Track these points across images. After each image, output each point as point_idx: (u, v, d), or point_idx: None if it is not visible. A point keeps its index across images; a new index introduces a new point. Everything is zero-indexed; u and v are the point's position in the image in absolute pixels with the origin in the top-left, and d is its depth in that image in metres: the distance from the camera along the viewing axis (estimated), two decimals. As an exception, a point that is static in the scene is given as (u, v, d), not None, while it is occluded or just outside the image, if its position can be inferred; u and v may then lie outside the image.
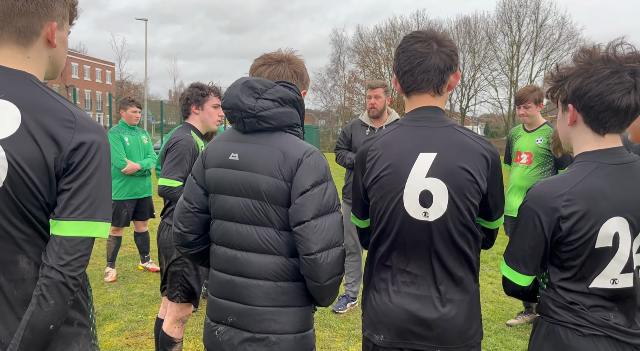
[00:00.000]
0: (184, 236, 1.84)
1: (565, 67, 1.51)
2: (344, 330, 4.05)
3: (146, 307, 4.44)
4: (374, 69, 37.91)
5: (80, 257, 1.22)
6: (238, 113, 1.70)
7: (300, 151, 1.67)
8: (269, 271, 1.69)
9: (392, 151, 1.66)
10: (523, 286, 1.55)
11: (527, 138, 4.09)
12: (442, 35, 1.68)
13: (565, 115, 1.52)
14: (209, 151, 1.81)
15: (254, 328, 1.69)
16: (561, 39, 35.50)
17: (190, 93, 3.03)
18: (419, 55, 1.63)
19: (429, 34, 1.67)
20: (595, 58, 1.43)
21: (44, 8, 1.26)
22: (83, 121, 1.24)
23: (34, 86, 1.25)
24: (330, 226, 1.64)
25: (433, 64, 1.63)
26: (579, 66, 1.46)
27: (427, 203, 1.61)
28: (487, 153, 1.61)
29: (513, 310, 4.53)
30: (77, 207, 1.21)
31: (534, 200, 1.47)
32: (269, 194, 1.66)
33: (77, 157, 1.21)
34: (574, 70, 1.47)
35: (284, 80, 1.79)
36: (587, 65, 1.44)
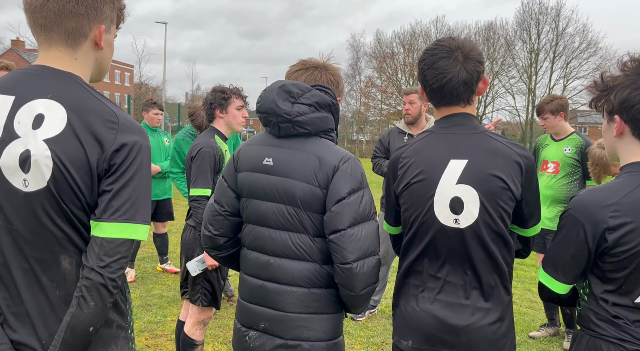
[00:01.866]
0: (214, 239, 1.83)
1: (610, 76, 1.48)
2: (362, 338, 4.01)
3: (165, 308, 4.45)
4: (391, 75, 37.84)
5: (120, 259, 1.21)
6: (274, 117, 1.68)
7: (337, 157, 1.64)
8: (303, 278, 1.66)
9: (423, 158, 1.66)
10: (560, 294, 1.53)
11: (555, 148, 4.01)
12: (466, 44, 1.64)
13: (611, 126, 1.49)
14: (241, 154, 1.80)
15: (286, 334, 1.67)
16: (581, 47, 35.07)
17: (213, 97, 3.04)
18: (447, 73, 1.60)
19: (452, 44, 1.62)
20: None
21: (94, 11, 1.26)
22: (126, 122, 1.24)
23: (80, 87, 1.26)
24: (367, 235, 1.61)
25: (461, 79, 1.61)
26: (626, 76, 1.42)
27: (457, 210, 1.59)
28: (520, 159, 1.58)
29: (535, 322, 4.45)
30: (117, 208, 1.20)
31: (579, 209, 1.44)
32: (304, 200, 1.64)
33: (119, 158, 1.21)
34: (620, 80, 1.43)
35: (320, 84, 1.77)
36: (636, 76, 1.40)
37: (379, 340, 3.99)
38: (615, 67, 1.51)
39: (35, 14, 1.24)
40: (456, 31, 37.13)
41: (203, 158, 2.84)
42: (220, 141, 3.01)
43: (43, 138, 1.17)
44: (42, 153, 1.16)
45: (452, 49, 1.61)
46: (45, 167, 1.16)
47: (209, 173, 2.84)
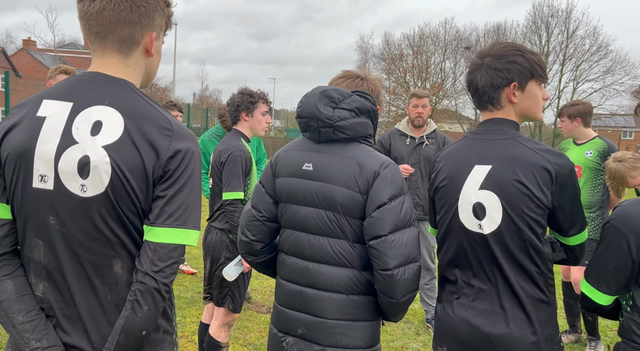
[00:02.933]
0: (251, 244, 1.84)
1: None
2: (382, 342, 4.01)
3: (184, 310, 4.47)
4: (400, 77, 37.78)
5: (173, 264, 1.23)
6: (314, 122, 1.69)
7: (377, 163, 1.65)
8: (342, 284, 1.66)
9: (450, 163, 1.71)
10: (602, 304, 1.52)
11: (576, 151, 3.99)
12: (497, 47, 1.68)
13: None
14: (280, 160, 1.80)
15: (324, 341, 1.67)
16: (592, 49, 34.83)
17: (240, 100, 3.04)
18: (474, 78, 1.70)
19: (484, 50, 1.71)
20: None
21: (146, 19, 1.28)
22: (179, 129, 1.26)
23: (134, 94, 1.27)
24: (408, 241, 1.61)
25: (483, 83, 1.68)
26: None
27: (480, 216, 1.61)
28: (550, 166, 1.54)
29: (554, 328, 4.42)
30: (171, 214, 1.22)
31: (622, 219, 1.44)
32: (344, 206, 1.64)
33: (173, 165, 1.22)
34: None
35: (360, 90, 1.77)
36: None
37: (399, 344, 3.98)
38: None
39: (90, 22, 1.26)
40: (465, 33, 37.03)
41: (235, 162, 2.85)
42: (246, 143, 3.02)
43: (102, 145, 1.18)
44: (101, 160, 1.17)
45: (480, 55, 1.71)
46: (104, 173, 1.18)
47: (241, 176, 2.86)
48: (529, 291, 1.61)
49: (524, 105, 1.68)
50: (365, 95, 1.74)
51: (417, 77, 35.98)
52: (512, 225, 1.56)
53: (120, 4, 1.24)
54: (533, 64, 1.65)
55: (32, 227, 1.23)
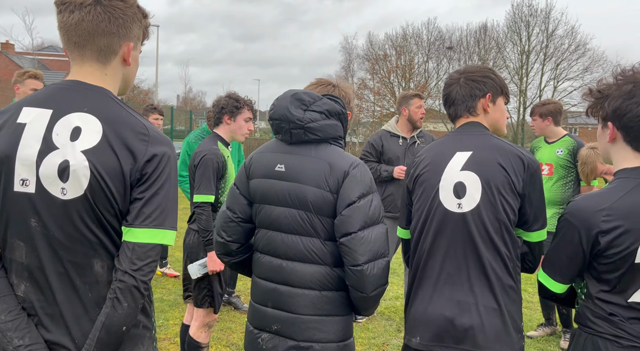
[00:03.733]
0: (227, 245, 1.88)
1: (605, 85, 1.56)
2: (363, 339, 4.07)
3: (166, 312, 4.48)
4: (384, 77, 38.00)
5: (151, 263, 1.29)
6: (286, 124, 1.74)
7: (347, 163, 1.71)
8: (314, 281, 1.72)
9: (432, 152, 1.85)
10: (557, 292, 1.61)
11: (548, 150, 4.11)
12: (473, 68, 1.90)
13: (605, 132, 1.58)
14: (253, 162, 1.85)
15: (298, 336, 1.72)
16: (570, 48, 35.45)
17: (225, 103, 3.07)
18: (451, 91, 1.89)
19: (461, 69, 1.91)
20: (636, 79, 1.48)
21: (124, 29, 1.34)
22: (155, 134, 1.32)
23: (112, 101, 1.33)
24: (377, 237, 1.67)
25: (461, 93, 1.86)
26: (618, 86, 1.50)
27: (460, 194, 1.72)
28: (524, 157, 1.72)
29: (532, 322, 4.53)
30: (148, 215, 1.27)
31: (574, 213, 1.53)
32: (315, 205, 1.69)
33: (150, 168, 1.28)
34: (614, 90, 1.51)
35: (330, 94, 1.83)
36: (628, 86, 1.48)
37: (380, 341, 4.05)
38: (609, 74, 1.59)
39: (69, 32, 1.31)
40: (447, 34, 37.41)
41: (207, 165, 2.89)
42: (223, 147, 3.05)
43: (81, 150, 1.24)
44: (80, 164, 1.23)
45: (457, 72, 1.91)
46: (83, 176, 1.23)
47: (212, 179, 2.89)
48: (500, 274, 1.70)
49: (494, 116, 1.88)
50: (335, 99, 1.80)
51: (401, 77, 36.24)
52: (489, 204, 1.69)
53: (98, 16, 1.30)
54: (502, 82, 1.90)
55: (13, 229, 1.28)
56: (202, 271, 2.93)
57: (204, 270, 2.92)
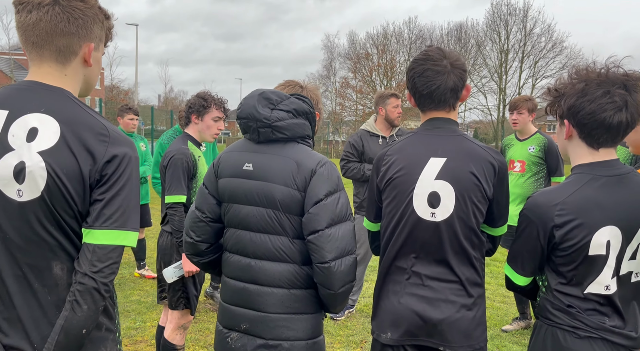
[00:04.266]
0: (196, 245, 1.88)
1: (562, 84, 1.60)
2: (342, 336, 4.09)
3: (144, 314, 4.44)
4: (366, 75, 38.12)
5: (112, 264, 1.27)
6: (253, 123, 1.75)
7: (314, 161, 1.72)
8: (283, 279, 1.72)
9: (405, 155, 1.80)
10: (520, 285, 1.66)
11: (520, 147, 4.18)
12: (452, 53, 1.80)
13: (562, 129, 1.62)
14: (221, 161, 1.85)
15: (267, 334, 1.72)
16: (547, 46, 36.04)
17: (193, 102, 3.03)
18: (436, 81, 1.75)
19: (439, 54, 1.78)
20: (589, 78, 1.52)
21: (84, 30, 1.33)
22: (116, 135, 1.31)
23: (71, 102, 1.31)
24: (344, 235, 1.68)
25: (450, 86, 1.76)
26: (573, 85, 1.55)
27: (434, 204, 1.72)
28: (494, 162, 1.74)
29: (508, 316, 4.60)
30: (109, 216, 1.26)
31: (531, 208, 1.57)
32: (283, 203, 1.70)
33: (110, 169, 1.27)
34: (569, 88, 1.55)
35: (298, 93, 1.84)
36: (582, 85, 1.52)
37: (358, 338, 4.07)
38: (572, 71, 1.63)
39: (27, 32, 1.29)
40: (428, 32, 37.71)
41: (176, 165, 2.86)
42: (194, 147, 3.01)
43: (37, 151, 1.22)
44: (37, 165, 1.21)
45: (440, 58, 1.77)
46: (39, 177, 1.21)
47: (182, 180, 2.86)
48: (468, 275, 1.75)
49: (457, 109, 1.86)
50: (303, 98, 1.81)
51: (383, 76, 36.40)
52: (462, 212, 1.71)
53: (57, 16, 1.28)
54: None
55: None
56: (178, 274, 2.90)
57: (179, 272, 2.90)
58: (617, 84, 1.48)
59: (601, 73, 1.51)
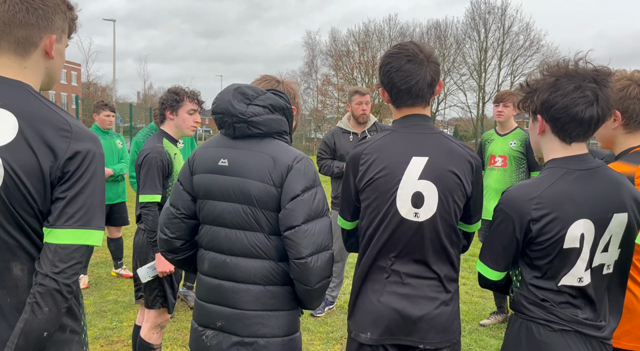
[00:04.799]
0: (171, 242, 1.84)
1: (534, 80, 1.61)
2: (322, 333, 4.09)
3: (121, 314, 4.37)
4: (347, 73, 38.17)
5: (75, 265, 1.23)
6: (229, 118, 1.72)
7: (290, 157, 1.70)
8: (259, 276, 1.71)
9: (386, 154, 1.75)
10: (494, 280, 1.67)
11: (501, 142, 4.22)
12: (426, 47, 1.78)
13: (535, 125, 1.64)
14: (197, 157, 1.82)
15: (242, 332, 1.70)
16: (525, 44, 36.60)
17: (165, 97, 2.99)
18: (415, 75, 1.73)
19: (414, 48, 1.75)
20: (560, 73, 1.54)
21: (45, 21, 1.28)
22: (79, 130, 1.26)
23: (30, 95, 1.26)
24: (320, 230, 1.67)
25: (427, 81, 1.74)
26: (545, 80, 1.57)
27: (418, 204, 1.70)
28: (472, 159, 1.74)
29: (486, 311, 4.66)
30: (72, 215, 1.22)
31: (507, 203, 1.58)
32: (259, 199, 1.68)
33: (73, 166, 1.22)
34: (541, 84, 1.57)
35: (274, 88, 1.82)
36: (553, 80, 1.54)
37: (338, 335, 4.07)
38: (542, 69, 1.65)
39: None
40: (408, 29, 37.93)
41: (150, 164, 2.81)
42: (169, 144, 2.96)
43: None
44: None
45: (416, 52, 1.74)
46: None
47: (156, 179, 2.82)
48: (446, 272, 1.76)
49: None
50: (280, 94, 1.79)
51: (364, 73, 36.50)
52: (444, 212, 1.70)
53: (15, 6, 1.23)
54: None
55: None
56: (151, 274, 2.86)
57: (152, 272, 2.86)
58: (588, 78, 1.50)
59: (571, 68, 1.53)
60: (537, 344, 1.54)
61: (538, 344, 1.54)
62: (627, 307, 1.81)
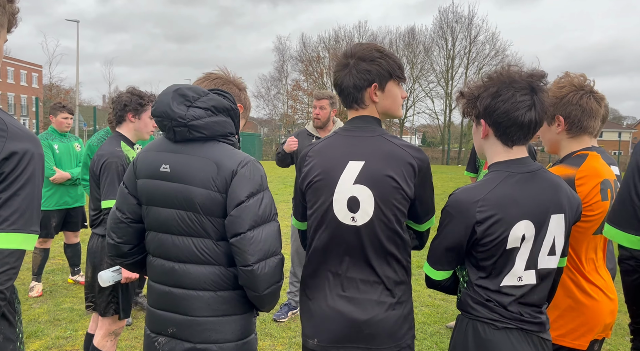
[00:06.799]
0: (118, 247, 1.79)
1: (476, 86, 1.66)
2: (284, 338, 4.05)
3: (76, 322, 4.22)
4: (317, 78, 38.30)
5: (8, 270, 1.17)
6: (168, 121, 1.65)
7: (235, 162, 1.64)
8: (208, 282, 1.67)
9: (324, 158, 1.74)
10: (439, 280, 1.70)
11: None
12: (362, 48, 1.74)
13: (479, 129, 1.68)
14: (139, 161, 1.76)
15: (195, 338, 1.67)
16: (491, 53, 37.63)
17: (129, 99, 2.91)
18: (341, 78, 1.75)
19: (347, 50, 1.77)
20: (500, 80, 1.60)
21: None
22: (16, 129, 1.20)
23: None
24: (267, 236, 1.64)
25: (351, 83, 1.74)
26: (486, 87, 1.62)
27: (354, 209, 1.68)
28: (414, 161, 1.68)
29: (447, 313, 4.73)
30: (6, 218, 1.17)
31: (453, 205, 1.61)
32: (203, 206, 1.63)
33: (8, 167, 1.17)
34: (482, 90, 1.62)
35: (217, 87, 1.76)
36: (494, 87, 1.60)
37: (300, 340, 4.04)
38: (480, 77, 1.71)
39: None
40: (378, 36, 38.43)
41: (110, 169, 2.75)
42: (127, 147, 2.90)
43: None
44: None
45: (348, 56, 1.74)
46: None
47: (116, 184, 2.75)
48: (392, 275, 1.72)
49: (384, 104, 1.77)
50: (224, 93, 1.73)
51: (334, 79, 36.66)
52: (382, 216, 1.67)
53: None
54: (392, 65, 1.74)
55: None
56: (115, 279, 2.76)
57: (117, 277, 2.76)
58: (525, 84, 1.57)
59: (510, 75, 1.59)
60: (482, 343, 1.58)
61: (483, 343, 1.58)
62: (572, 306, 1.86)
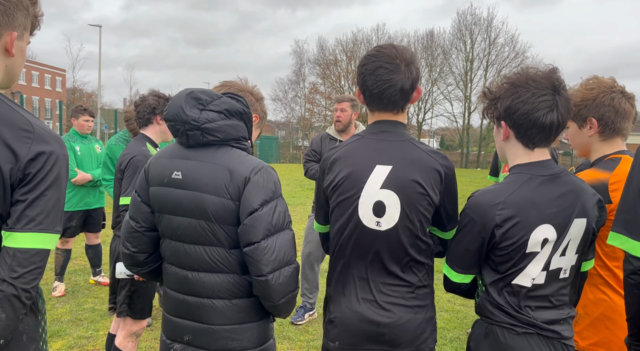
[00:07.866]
0: (134, 256, 1.80)
1: (497, 87, 1.64)
2: (302, 342, 4.04)
3: (97, 322, 4.28)
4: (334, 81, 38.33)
5: (34, 269, 1.20)
6: (181, 125, 1.64)
7: (248, 168, 1.62)
8: (223, 290, 1.66)
9: (351, 161, 1.71)
10: (458, 283, 1.67)
11: None
12: (406, 52, 1.71)
13: (500, 131, 1.66)
14: (151, 168, 1.75)
15: (211, 346, 1.66)
16: (510, 56, 37.15)
17: (157, 102, 2.95)
18: (387, 81, 1.66)
19: (392, 52, 1.68)
20: (519, 81, 1.57)
21: (5, 17, 1.24)
22: (42, 131, 1.22)
23: None
24: (281, 245, 1.62)
25: (401, 88, 1.67)
26: (506, 88, 1.60)
27: (380, 213, 1.66)
28: (440, 168, 1.67)
29: (468, 319, 4.66)
30: (32, 218, 1.19)
31: (473, 208, 1.59)
32: (216, 214, 1.61)
33: (35, 168, 1.19)
34: (503, 91, 1.60)
35: (231, 92, 1.74)
36: (515, 87, 1.58)
37: (318, 343, 4.03)
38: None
39: None
40: (396, 39, 38.27)
41: (136, 167, 2.76)
42: (152, 148, 2.94)
43: None
44: None
45: (394, 58, 1.67)
46: None
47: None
48: (415, 280, 1.71)
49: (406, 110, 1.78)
50: (237, 97, 1.71)
51: (351, 82, 36.69)
52: (407, 221, 1.65)
53: None
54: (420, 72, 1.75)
55: None
56: (129, 272, 2.76)
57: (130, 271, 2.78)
58: (545, 84, 1.54)
59: (530, 76, 1.57)
60: (501, 348, 1.55)
61: (502, 348, 1.55)
62: (606, 315, 1.81)
